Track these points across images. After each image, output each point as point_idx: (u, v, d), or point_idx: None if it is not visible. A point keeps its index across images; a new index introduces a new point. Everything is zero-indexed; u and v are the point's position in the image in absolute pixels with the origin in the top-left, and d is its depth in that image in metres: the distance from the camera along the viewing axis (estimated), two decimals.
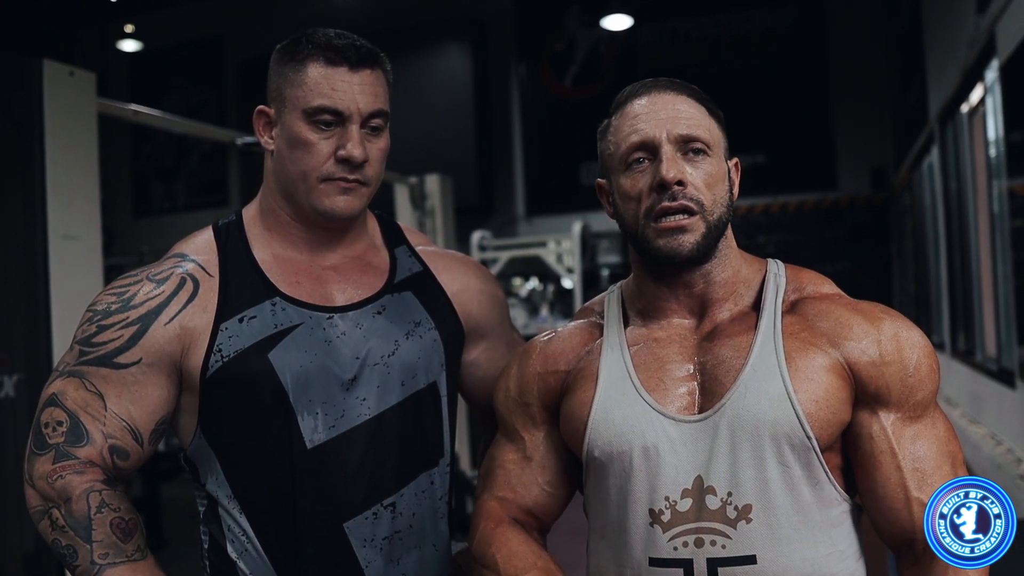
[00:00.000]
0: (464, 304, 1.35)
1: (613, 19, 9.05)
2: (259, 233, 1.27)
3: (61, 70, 2.42)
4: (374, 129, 1.22)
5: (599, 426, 1.10)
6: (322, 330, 1.21)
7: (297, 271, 1.25)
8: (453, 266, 1.38)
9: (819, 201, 8.79)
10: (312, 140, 1.18)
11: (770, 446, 1.03)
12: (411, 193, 4.45)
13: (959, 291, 5.57)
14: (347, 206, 1.21)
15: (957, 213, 5.51)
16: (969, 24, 4.54)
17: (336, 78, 1.18)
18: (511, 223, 9.56)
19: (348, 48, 1.19)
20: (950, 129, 5.49)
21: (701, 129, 1.09)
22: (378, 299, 1.27)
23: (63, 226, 2.38)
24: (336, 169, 1.19)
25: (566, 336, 1.21)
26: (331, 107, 1.17)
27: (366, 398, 1.21)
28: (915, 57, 6.54)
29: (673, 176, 1.06)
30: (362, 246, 1.31)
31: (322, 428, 1.19)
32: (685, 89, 1.14)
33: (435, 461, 1.28)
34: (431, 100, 9.78)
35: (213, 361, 1.17)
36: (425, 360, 1.26)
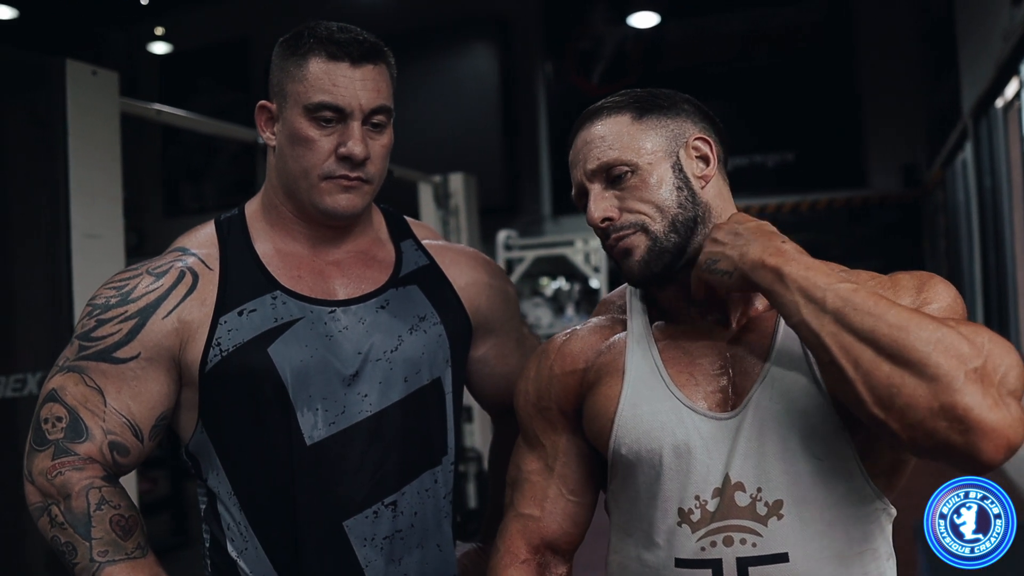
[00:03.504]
0: (472, 298, 1.32)
1: (639, 16, 9.00)
2: (261, 227, 1.25)
3: (84, 70, 2.43)
4: (376, 126, 1.19)
5: (627, 423, 1.06)
6: (323, 324, 1.18)
7: (299, 265, 1.23)
8: (461, 260, 1.36)
9: (849, 199, 8.68)
10: (313, 137, 1.16)
11: (800, 438, 0.99)
12: (435, 192, 4.44)
13: (993, 291, 5.47)
14: (349, 204, 1.19)
15: (992, 210, 5.41)
16: (1004, 16, 4.45)
17: (337, 73, 1.15)
18: (537, 222, 9.53)
19: (350, 43, 1.17)
20: (984, 124, 5.39)
21: (614, 151, 1.07)
22: (382, 293, 1.24)
23: (86, 224, 2.38)
24: (337, 167, 1.17)
25: (585, 334, 1.18)
26: (332, 103, 1.15)
27: (368, 394, 1.19)
28: (948, 51, 6.43)
29: (596, 217, 1.07)
30: (367, 241, 1.29)
31: (322, 424, 1.16)
32: (603, 110, 1.11)
33: (438, 459, 1.25)
34: (457, 99, 9.79)
35: (212, 355, 1.15)
36: (430, 355, 1.24)
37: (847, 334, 0.88)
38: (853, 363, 0.87)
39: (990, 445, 0.81)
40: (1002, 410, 0.82)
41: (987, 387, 0.83)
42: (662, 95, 1.12)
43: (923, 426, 0.84)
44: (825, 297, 0.90)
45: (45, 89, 2.38)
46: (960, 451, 0.83)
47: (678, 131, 1.10)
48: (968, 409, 0.81)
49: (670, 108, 1.11)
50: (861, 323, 0.88)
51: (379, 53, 1.20)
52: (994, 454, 0.81)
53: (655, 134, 1.08)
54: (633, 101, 1.11)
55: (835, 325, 0.89)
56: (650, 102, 1.10)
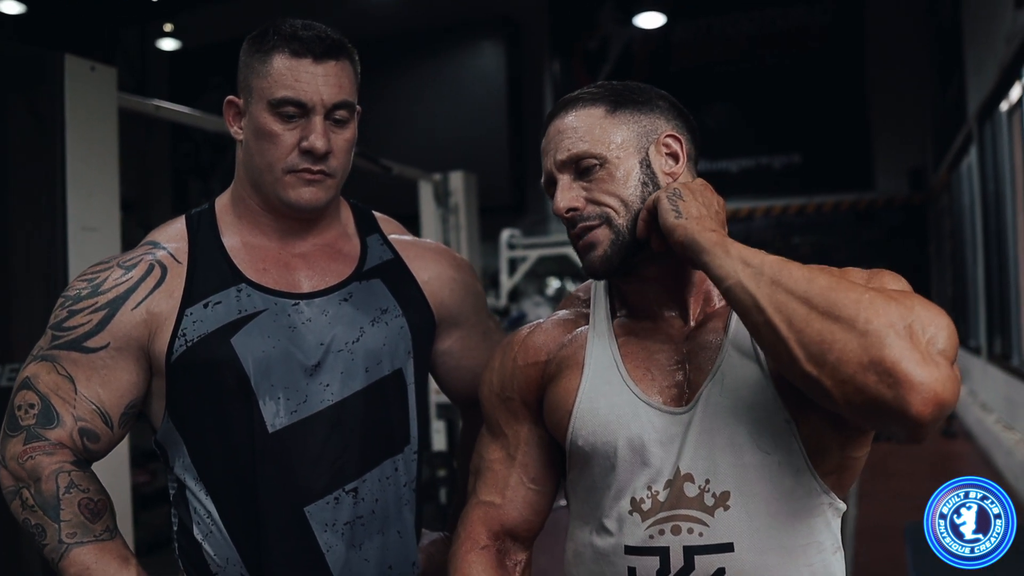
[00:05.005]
0: (435, 292, 1.35)
1: (646, 16, 9.00)
2: (230, 221, 1.28)
3: (82, 65, 2.45)
4: (339, 121, 1.22)
5: (584, 416, 1.09)
6: (287, 316, 1.21)
7: (265, 258, 1.26)
8: (426, 255, 1.38)
9: (855, 202, 8.66)
10: (276, 131, 1.19)
11: (748, 432, 1.01)
12: (435, 190, 4.45)
13: (996, 294, 5.45)
14: (312, 197, 1.22)
15: (995, 214, 5.40)
16: (1007, 20, 4.44)
17: (300, 69, 1.18)
18: (542, 222, 9.55)
19: (313, 39, 1.19)
20: (988, 128, 5.38)
21: (584, 143, 1.08)
22: (345, 286, 1.27)
23: (83, 218, 2.40)
24: (300, 160, 1.19)
25: (548, 327, 1.20)
26: (294, 98, 1.18)
27: (329, 384, 1.21)
28: (954, 54, 6.41)
29: (561, 207, 1.08)
30: (333, 234, 1.32)
31: (284, 413, 1.19)
32: (577, 101, 1.12)
33: (399, 448, 1.28)
34: (464, 98, 9.80)
35: (177, 346, 1.18)
36: (391, 347, 1.26)
37: (781, 293, 0.91)
38: (787, 321, 0.90)
39: (918, 398, 0.82)
40: (930, 366, 0.83)
41: (915, 343, 0.85)
42: (638, 90, 1.13)
43: (854, 381, 0.86)
44: (763, 262, 0.94)
45: (44, 84, 2.40)
46: (890, 406, 0.84)
47: (650, 127, 1.10)
48: (896, 362, 0.83)
49: (644, 104, 1.11)
50: (795, 284, 0.91)
51: (342, 50, 1.22)
52: (922, 408, 0.83)
53: (626, 128, 1.09)
54: (608, 94, 1.11)
55: (770, 286, 0.91)
56: (625, 96, 1.11)
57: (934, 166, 8.13)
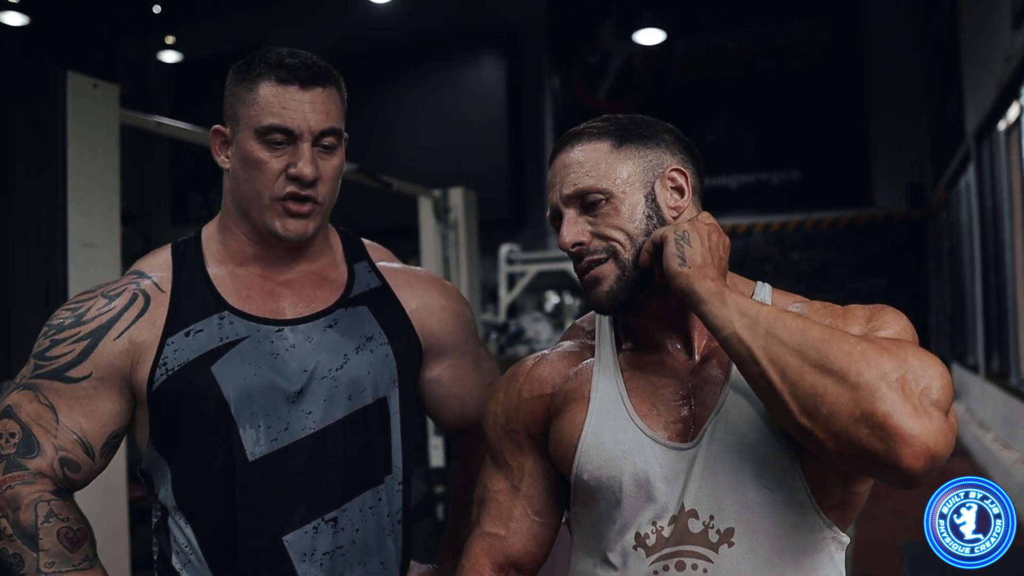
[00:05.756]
0: (423, 320, 1.35)
1: (646, 33, 9.03)
2: (215, 250, 1.29)
3: (85, 82, 2.46)
4: (326, 147, 1.22)
5: (590, 450, 1.08)
6: (270, 343, 1.21)
7: (249, 286, 1.26)
8: (414, 282, 1.38)
9: (854, 218, 8.67)
10: (264, 159, 1.19)
11: (752, 469, 1.01)
12: (435, 206, 4.46)
13: (994, 312, 5.46)
14: (299, 228, 1.22)
15: (993, 232, 5.41)
16: (1005, 40, 4.46)
17: (287, 97, 1.18)
18: (542, 236, 9.55)
19: (299, 67, 1.20)
20: (987, 146, 5.39)
21: (590, 177, 1.08)
22: (330, 313, 1.27)
23: (83, 234, 2.41)
24: (287, 187, 1.20)
25: (554, 359, 1.19)
26: (281, 126, 1.18)
27: (311, 411, 1.21)
28: (952, 72, 6.44)
29: (567, 242, 1.09)
30: (322, 262, 1.32)
31: (264, 441, 1.19)
32: (584, 135, 1.12)
33: (381, 478, 1.27)
34: (464, 112, 9.82)
35: (158, 374, 1.19)
36: (375, 375, 1.26)
37: (776, 345, 0.92)
38: (780, 373, 0.91)
39: (909, 452, 0.83)
40: (922, 418, 0.84)
41: (907, 396, 0.85)
42: (643, 123, 1.13)
43: (846, 434, 0.86)
44: (759, 314, 0.94)
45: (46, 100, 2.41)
46: (882, 459, 0.85)
47: (656, 161, 1.10)
48: (887, 416, 0.84)
49: (650, 138, 1.11)
50: (789, 336, 0.92)
51: (328, 77, 1.23)
52: (913, 461, 0.83)
53: (632, 163, 1.09)
54: (614, 128, 1.11)
55: (765, 338, 0.92)
56: (630, 130, 1.11)
57: (932, 183, 8.15)
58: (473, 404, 1.41)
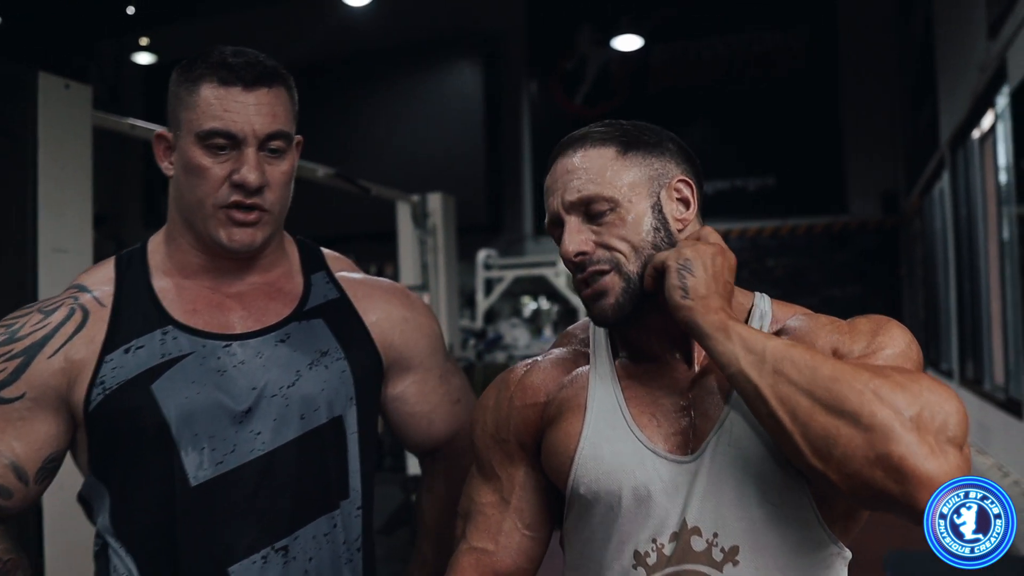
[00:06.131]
0: (384, 333, 1.27)
1: (624, 39, 9.05)
2: (161, 261, 1.21)
3: (57, 83, 2.40)
4: (274, 152, 1.14)
5: (587, 462, 1.04)
6: (216, 359, 1.13)
7: (196, 299, 1.18)
8: (375, 294, 1.30)
9: (829, 225, 8.74)
10: (206, 165, 1.12)
11: (755, 484, 0.98)
12: (413, 211, 4.43)
13: (968, 319, 5.51)
14: (247, 239, 1.15)
15: (967, 239, 5.46)
16: (980, 49, 4.50)
17: (229, 99, 1.11)
18: (519, 242, 9.54)
19: (243, 66, 1.12)
20: (961, 154, 5.45)
21: (595, 185, 1.03)
22: (283, 327, 1.19)
23: (53, 239, 2.35)
24: (231, 194, 1.12)
25: (546, 366, 1.14)
26: (223, 130, 1.10)
27: (261, 432, 1.13)
28: (927, 81, 6.50)
29: (570, 251, 1.03)
30: (276, 273, 1.24)
31: (208, 464, 1.11)
32: (587, 140, 1.07)
33: (336, 503, 1.19)
34: (441, 117, 9.81)
35: (95, 394, 1.11)
36: (329, 393, 1.18)
37: (784, 385, 0.88)
38: (791, 414, 0.87)
39: (925, 493, 0.81)
40: (939, 458, 0.81)
41: (923, 435, 0.82)
42: (649, 131, 1.07)
43: (860, 476, 0.83)
44: (765, 349, 0.90)
45: (17, 101, 2.35)
46: (898, 500, 0.82)
47: (662, 171, 1.06)
48: (903, 458, 0.81)
49: (655, 146, 1.06)
50: (798, 375, 0.87)
51: (275, 76, 1.15)
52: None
53: (638, 171, 1.04)
54: (619, 134, 1.06)
55: (773, 376, 0.88)
56: (636, 137, 1.06)
57: (906, 191, 8.23)
58: (441, 422, 1.34)
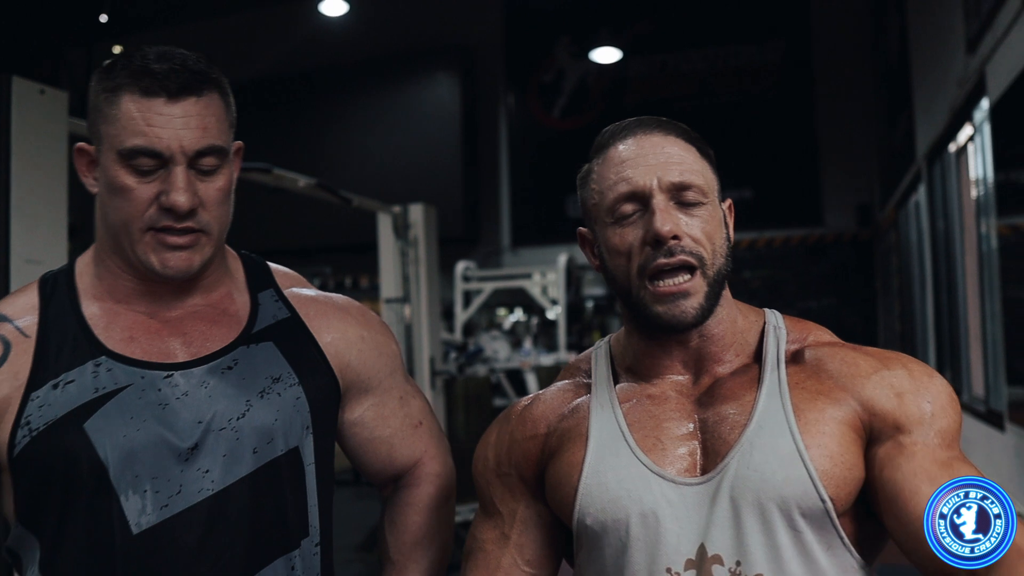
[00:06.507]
0: (340, 354, 1.17)
1: (602, 52, 9.09)
2: (90, 284, 1.09)
3: (31, 88, 2.33)
4: (206, 171, 1.03)
5: (591, 491, 0.99)
6: (156, 391, 1.02)
7: (132, 325, 1.07)
8: (329, 312, 1.20)
9: (805, 237, 8.80)
10: (130, 185, 1.00)
11: (779, 510, 0.93)
12: (394, 222, 4.38)
13: (946, 330, 5.54)
14: (182, 264, 1.04)
15: (944, 251, 5.50)
16: (958, 64, 4.54)
17: (152, 112, 0.99)
18: (496, 254, 9.51)
19: (167, 74, 0.99)
20: (938, 167, 5.49)
21: (695, 174, 0.99)
22: (229, 352, 1.08)
23: (26, 250, 2.28)
24: (160, 217, 1.01)
25: (548, 398, 1.10)
26: (147, 148, 0.99)
27: (209, 470, 1.02)
28: (902, 95, 6.56)
29: (669, 230, 0.96)
30: (219, 293, 1.13)
31: (152, 509, 1.00)
32: (673, 128, 1.03)
33: (296, 542, 1.08)
34: (419, 128, 9.78)
35: (20, 436, 0.99)
36: (284, 422, 1.08)
37: None
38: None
39: None
40: None
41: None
42: (708, 144, 1.05)
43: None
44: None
45: None
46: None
47: (717, 187, 1.04)
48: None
49: (714, 162, 1.04)
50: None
51: (205, 82, 1.03)
52: None
53: (713, 178, 1.02)
54: (696, 137, 1.04)
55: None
56: (705, 146, 1.04)
57: (881, 203, 8.31)
58: (401, 447, 1.24)
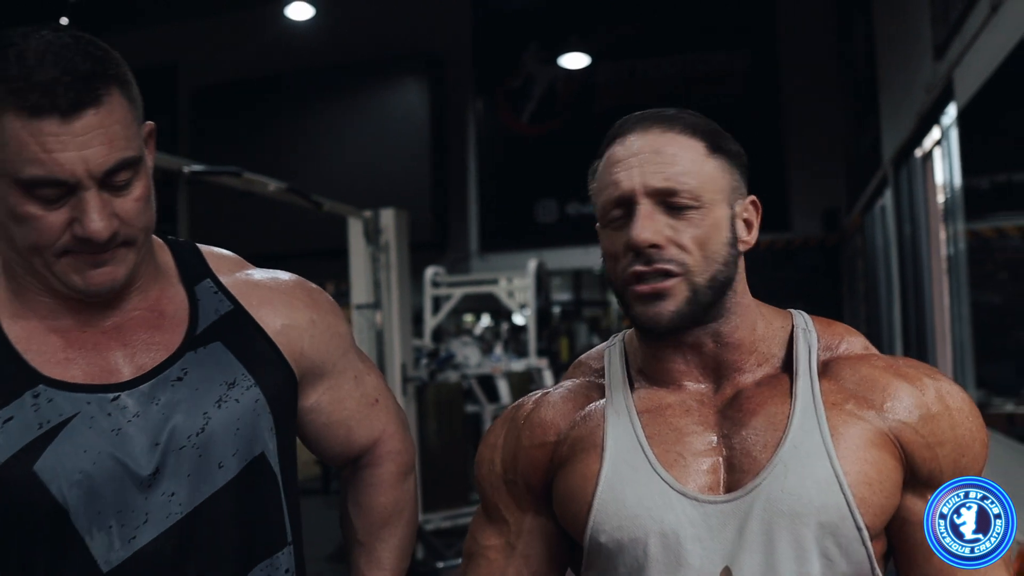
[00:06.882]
0: (292, 343, 1.08)
1: (571, 57, 9.10)
2: (7, 301, 0.96)
3: None
4: (120, 185, 0.91)
5: (607, 507, 0.93)
6: (106, 416, 0.93)
7: (66, 344, 0.96)
8: (274, 297, 1.09)
9: (772, 242, 8.88)
10: (36, 214, 0.88)
11: (814, 537, 0.89)
12: (365, 227, 4.33)
13: (913, 333, 5.60)
14: (107, 280, 0.93)
15: (911, 256, 5.56)
16: (926, 69, 4.60)
17: (45, 135, 0.85)
18: (465, 259, 9.48)
19: (53, 86, 0.84)
20: (904, 172, 5.56)
21: (687, 176, 0.93)
22: (176, 360, 0.98)
23: None
24: (77, 244, 0.90)
25: (557, 401, 1.04)
26: (48, 178, 0.86)
27: (175, 493, 0.95)
28: (869, 101, 6.64)
29: (646, 238, 0.91)
30: (155, 292, 1.02)
31: (120, 544, 0.92)
32: (679, 123, 0.96)
33: (276, 548, 1.03)
34: (387, 134, 9.73)
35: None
36: (247, 429, 1.00)
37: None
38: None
39: None
40: None
41: None
42: (730, 138, 0.99)
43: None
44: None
45: None
46: None
47: (736, 184, 0.98)
48: None
49: (735, 157, 0.98)
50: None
51: (101, 84, 0.88)
52: None
53: (721, 177, 0.96)
54: (708, 131, 0.97)
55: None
56: (721, 139, 0.98)
57: (847, 208, 8.40)
58: (359, 428, 1.18)
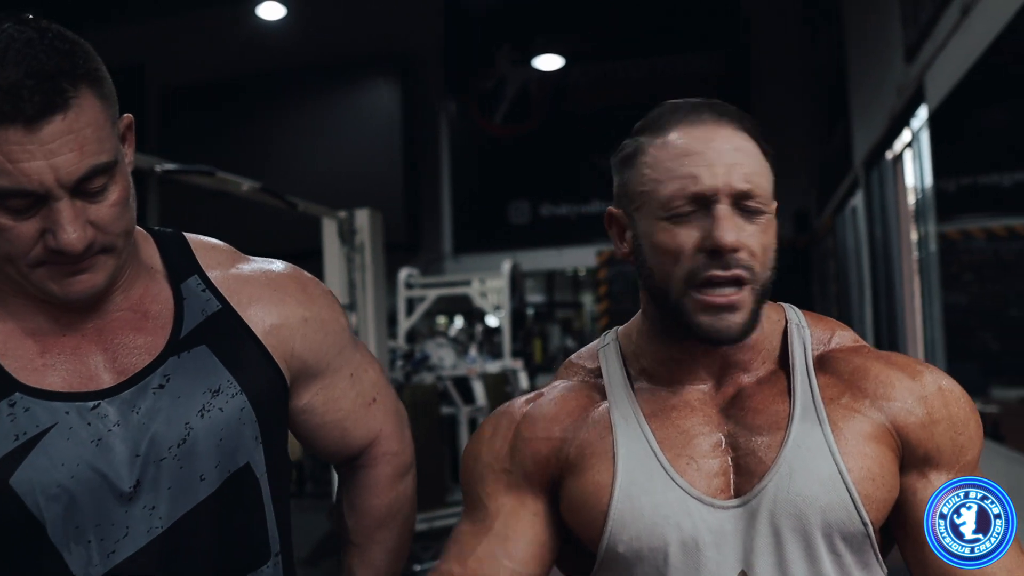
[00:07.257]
0: (282, 343, 1.03)
1: (544, 59, 9.10)
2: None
3: None
4: (95, 191, 0.87)
5: (624, 517, 0.91)
6: (86, 426, 0.90)
7: (44, 348, 0.92)
8: (264, 294, 1.04)
9: None
10: (6, 225, 0.85)
11: (822, 535, 0.89)
12: (340, 228, 4.28)
13: (884, 334, 5.66)
14: (86, 288, 0.90)
15: (883, 257, 5.62)
16: (897, 72, 4.64)
17: (10, 144, 0.81)
18: (438, 260, 9.45)
19: (18, 90, 0.80)
20: (875, 174, 5.61)
21: (762, 179, 0.90)
22: (159, 366, 0.94)
23: None
24: (51, 255, 0.87)
25: (558, 399, 1.01)
26: (15, 189, 0.82)
27: (156, 506, 0.92)
28: (840, 104, 6.70)
29: (731, 242, 0.87)
30: (139, 290, 0.98)
31: (98, 559, 0.89)
32: (743, 120, 0.93)
33: (260, 560, 1.00)
34: (359, 135, 9.67)
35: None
36: (231, 440, 0.96)
37: None
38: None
39: None
40: None
41: None
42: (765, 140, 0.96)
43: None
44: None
45: None
46: None
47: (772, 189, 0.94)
48: None
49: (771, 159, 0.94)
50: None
51: (69, 85, 0.83)
52: None
53: (772, 180, 0.93)
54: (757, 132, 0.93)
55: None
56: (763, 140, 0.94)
57: (818, 210, 8.48)
58: (355, 428, 1.14)
